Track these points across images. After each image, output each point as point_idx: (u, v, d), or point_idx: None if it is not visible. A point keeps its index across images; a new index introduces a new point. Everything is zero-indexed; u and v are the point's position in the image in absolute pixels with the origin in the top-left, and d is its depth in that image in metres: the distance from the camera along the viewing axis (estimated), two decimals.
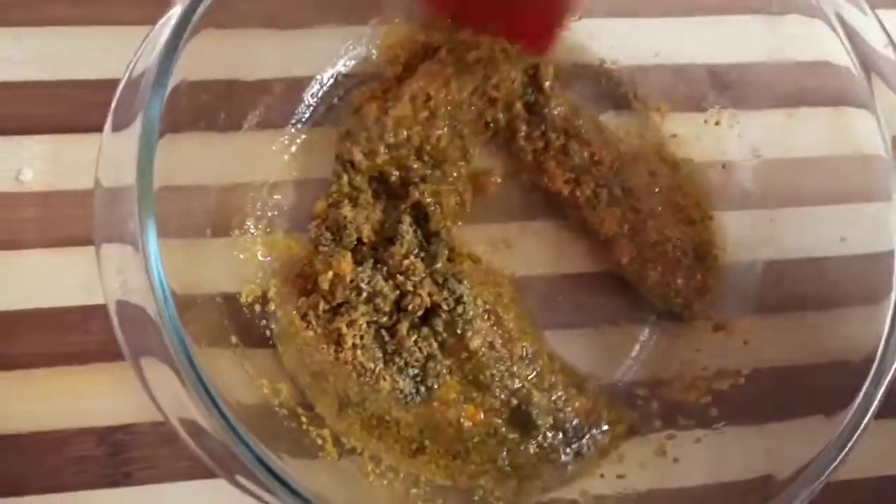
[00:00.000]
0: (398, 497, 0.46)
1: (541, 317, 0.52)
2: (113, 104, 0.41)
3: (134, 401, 0.42)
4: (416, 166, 0.52)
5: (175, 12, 0.42)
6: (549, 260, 0.54)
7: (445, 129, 0.53)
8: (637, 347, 0.53)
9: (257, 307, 0.49)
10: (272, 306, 0.49)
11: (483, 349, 0.49)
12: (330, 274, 0.48)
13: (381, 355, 0.48)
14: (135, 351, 0.38)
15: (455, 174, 0.53)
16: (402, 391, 0.47)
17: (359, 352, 0.47)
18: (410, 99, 0.52)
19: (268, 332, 0.49)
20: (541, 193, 0.54)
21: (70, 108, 0.53)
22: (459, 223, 0.53)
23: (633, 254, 0.53)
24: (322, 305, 0.48)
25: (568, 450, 0.49)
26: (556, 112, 0.54)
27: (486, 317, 0.50)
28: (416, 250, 0.50)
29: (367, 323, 0.48)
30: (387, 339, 0.48)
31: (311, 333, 0.47)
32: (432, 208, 0.52)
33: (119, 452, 0.48)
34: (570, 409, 0.50)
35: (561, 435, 0.49)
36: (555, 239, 0.55)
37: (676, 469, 0.48)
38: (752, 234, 0.53)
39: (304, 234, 0.51)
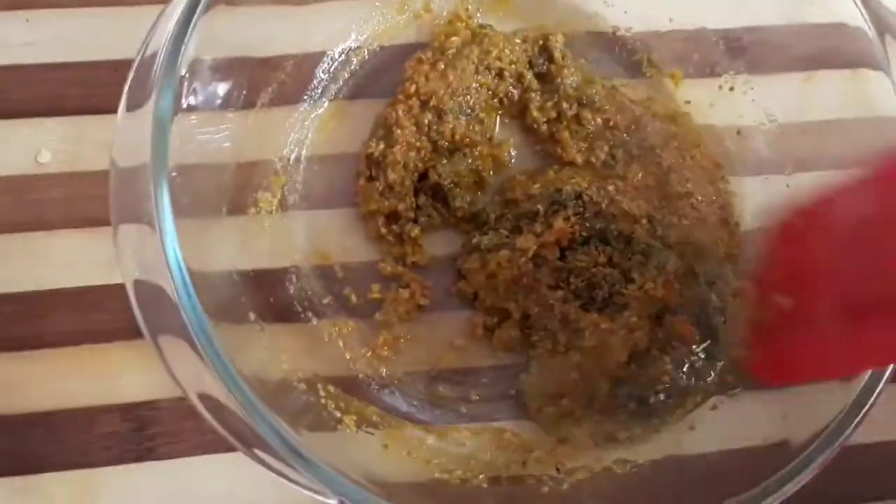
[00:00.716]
0: (417, 468, 0.46)
1: None
2: (127, 84, 0.41)
3: (156, 377, 0.43)
4: (439, 164, 0.52)
5: None
6: None
7: (460, 119, 0.53)
8: None
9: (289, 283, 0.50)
10: None
11: None
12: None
13: None
14: (153, 329, 0.39)
15: (476, 153, 0.53)
16: None
17: None
18: (408, 114, 0.52)
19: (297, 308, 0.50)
20: (556, 163, 0.54)
21: (86, 90, 0.54)
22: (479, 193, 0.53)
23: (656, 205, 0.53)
24: None
25: None
26: (568, 81, 0.54)
27: None
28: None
29: None
30: None
31: None
32: (451, 188, 0.52)
33: (143, 428, 0.49)
34: None
35: None
36: None
37: (693, 436, 0.48)
38: (769, 200, 0.53)
39: (318, 210, 0.52)
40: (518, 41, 0.54)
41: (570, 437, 0.49)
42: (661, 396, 0.48)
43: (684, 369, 0.49)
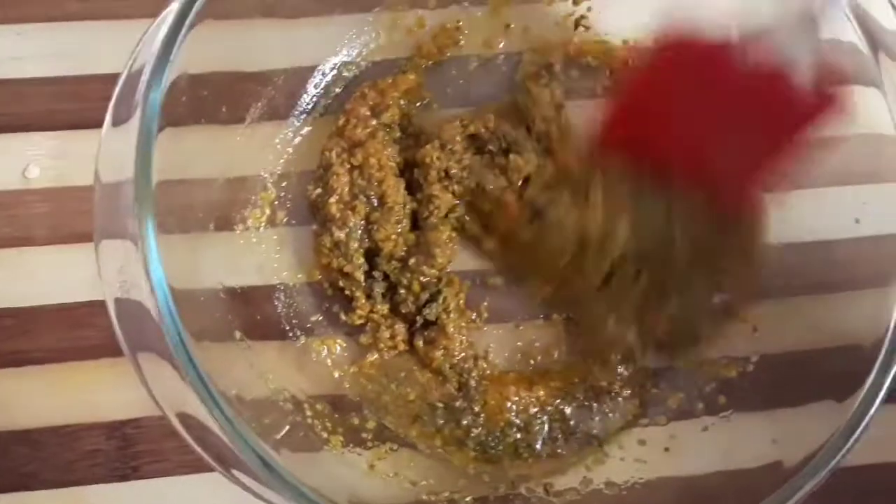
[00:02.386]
0: (403, 489, 0.46)
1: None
2: (113, 99, 0.41)
3: (141, 395, 0.42)
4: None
5: (174, 5, 0.42)
6: None
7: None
8: None
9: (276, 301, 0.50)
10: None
11: None
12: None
13: None
14: (133, 346, 0.38)
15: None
16: None
17: None
18: (340, 157, 0.51)
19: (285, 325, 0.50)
20: None
21: (76, 104, 0.53)
22: None
23: None
24: None
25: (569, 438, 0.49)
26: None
27: None
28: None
29: None
30: None
31: None
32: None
33: (127, 446, 0.48)
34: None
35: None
36: None
37: (683, 457, 0.47)
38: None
39: (307, 226, 0.51)
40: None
41: None
42: None
43: None
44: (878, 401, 0.41)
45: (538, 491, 0.47)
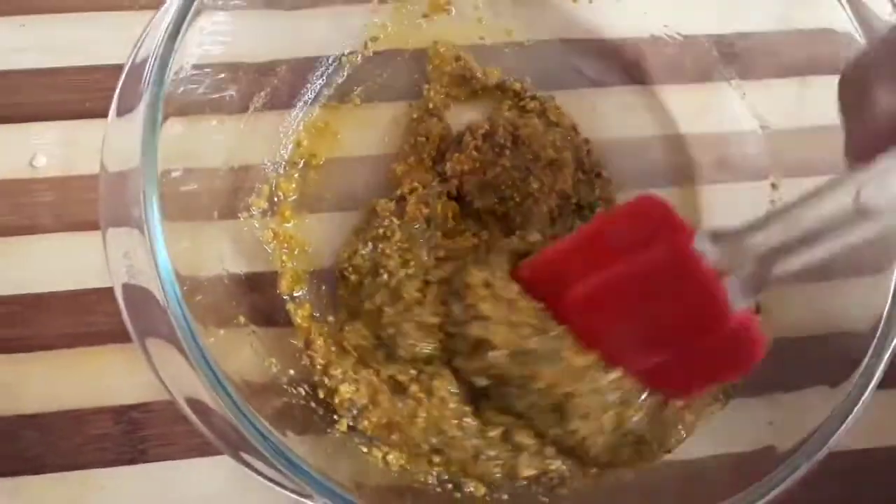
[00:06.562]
0: (408, 473, 0.46)
1: None
2: (118, 89, 0.42)
3: (149, 380, 0.43)
4: None
5: None
6: None
7: None
8: None
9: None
10: None
11: None
12: None
13: None
14: (141, 332, 0.39)
15: None
16: None
17: None
18: None
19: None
20: None
21: (81, 94, 0.54)
22: None
23: None
24: None
25: None
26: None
27: None
28: None
29: None
30: None
31: None
32: None
33: (135, 430, 0.49)
34: None
35: None
36: None
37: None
38: (758, 206, 0.52)
39: (310, 214, 0.52)
40: None
41: None
42: None
43: None
44: (871, 386, 0.41)
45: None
